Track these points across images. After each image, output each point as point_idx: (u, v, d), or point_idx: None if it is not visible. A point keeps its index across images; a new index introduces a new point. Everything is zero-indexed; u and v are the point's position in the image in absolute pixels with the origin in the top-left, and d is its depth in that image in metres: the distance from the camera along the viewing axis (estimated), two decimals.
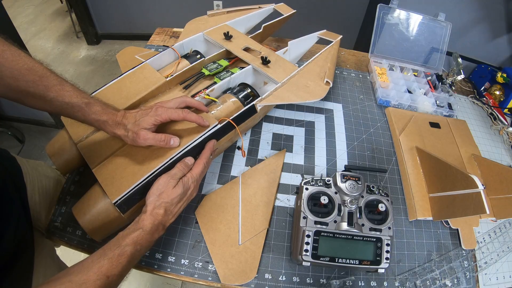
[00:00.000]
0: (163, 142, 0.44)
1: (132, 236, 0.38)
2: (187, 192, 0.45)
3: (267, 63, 0.62)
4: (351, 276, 0.52)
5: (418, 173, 0.64)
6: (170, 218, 0.43)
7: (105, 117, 0.44)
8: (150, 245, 0.41)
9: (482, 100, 0.89)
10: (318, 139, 0.69)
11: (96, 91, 0.54)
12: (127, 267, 0.37)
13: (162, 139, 0.44)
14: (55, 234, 0.52)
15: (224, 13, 0.77)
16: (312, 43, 0.81)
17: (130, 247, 0.37)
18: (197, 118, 0.46)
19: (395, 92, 0.79)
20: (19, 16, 2.44)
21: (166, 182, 0.43)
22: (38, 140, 1.60)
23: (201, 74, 0.62)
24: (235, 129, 0.53)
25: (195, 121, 0.47)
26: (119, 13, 2.08)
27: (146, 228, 0.39)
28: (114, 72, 2.03)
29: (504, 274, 0.58)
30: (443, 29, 0.88)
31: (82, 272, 0.33)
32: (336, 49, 0.74)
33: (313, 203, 0.48)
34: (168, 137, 0.45)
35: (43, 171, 0.64)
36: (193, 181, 0.45)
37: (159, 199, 0.42)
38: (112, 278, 0.34)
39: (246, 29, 0.80)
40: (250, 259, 0.50)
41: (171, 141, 0.45)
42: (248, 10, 0.79)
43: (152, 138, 0.44)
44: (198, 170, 0.46)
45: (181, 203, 0.44)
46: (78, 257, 0.60)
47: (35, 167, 0.62)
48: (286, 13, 0.79)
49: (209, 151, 0.48)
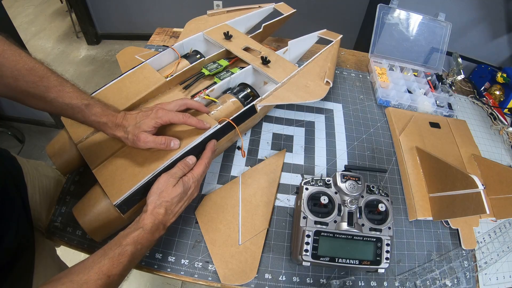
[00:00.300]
0: (163, 145, 0.45)
1: (133, 236, 0.38)
2: (188, 191, 0.45)
3: (267, 63, 0.62)
4: (351, 276, 0.52)
5: (418, 173, 0.64)
6: (171, 218, 0.43)
7: (105, 119, 0.44)
8: (151, 244, 0.41)
9: (482, 100, 0.89)
10: (318, 139, 0.69)
11: (96, 91, 0.54)
12: (128, 267, 0.37)
13: (163, 142, 0.44)
14: (55, 234, 0.52)
15: (224, 12, 0.77)
16: (312, 42, 0.81)
17: (131, 246, 0.37)
18: (197, 123, 0.47)
19: (395, 92, 0.79)
20: (19, 16, 2.44)
21: (166, 181, 0.43)
22: (38, 140, 1.60)
23: (201, 74, 0.62)
24: (235, 129, 0.53)
25: (195, 125, 0.47)
26: (119, 13, 2.08)
27: (146, 228, 0.39)
28: (114, 72, 2.03)
29: (504, 274, 0.58)
30: (443, 29, 0.88)
31: (83, 272, 0.33)
32: (336, 49, 0.73)
33: (313, 203, 0.48)
34: (168, 139, 0.45)
35: (44, 171, 0.64)
36: (194, 181, 0.45)
37: (159, 198, 0.42)
38: (113, 278, 0.34)
39: (246, 29, 0.80)
40: (250, 259, 0.50)
41: (172, 144, 0.45)
42: (248, 9, 0.79)
43: (152, 141, 0.44)
44: (199, 170, 0.46)
45: (181, 202, 0.44)
46: (78, 257, 0.61)
47: (35, 167, 0.62)
48: (286, 12, 0.79)
49: (210, 151, 0.48)
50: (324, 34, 0.78)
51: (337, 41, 0.76)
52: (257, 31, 0.76)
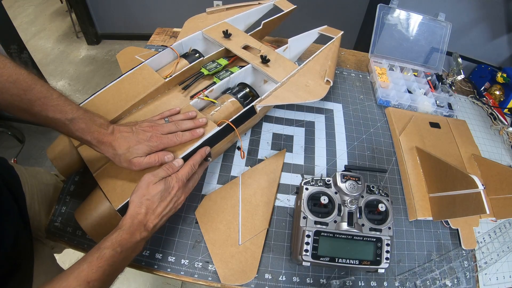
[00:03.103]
0: (157, 163, 0.44)
1: (111, 238, 0.37)
2: (171, 191, 0.43)
3: (266, 62, 0.62)
4: (351, 276, 0.52)
5: (418, 173, 0.64)
6: (153, 219, 0.41)
7: (89, 136, 0.42)
8: (133, 247, 0.38)
9: (482, 100, 0.89)
10: (318, 139, 0.69)
11: (95, 93, 0.54)
12: (109, 272, 0.35)
13: (156, 160, 0.44)
14: (55, 234, 0.52)
15: (223, 10, 0.76)
16: (312, 39, 0.79)
17: (109, 249, 0.35)
18: (191, 136, 0.47)
19: (395, 92, 0.79)
20: (19, 16, 2.44)
21: (148, 180, 0.42)
22: (38, 140, 1.60)
23: (200, 74, 0.62)
24: (234, 132, 0.53)
25: (190, 138, 0.47)
26: (119, 13, 2.08)
27: (125, 228, 0.38)
28: (114, 72, 2.03)
29: (504, 274, 0.58)
30: (443, 29, 0.88)
31: (63, 278, 0.33)
32: (337, 46, 0.72)
33: (313, 203, 0.48)
34: (161, 156, 0.45)
35: (42, 178, 0.63)
36: (177, 181, 0.43)
37: (140, 197, 0.41)
38: (93, 284, 0.33)
39: (245, 26, 0.78)
40: (250, 259, 0.50)
41: (165, 158, 0.45)
42: (248, 6, 0.78)
43: (146, 162, 0.43)
44: (183, 171, 0.45)
45: (164, 202, 0.42)
46: (78, 258, 0.60)
47: (34, 174, 0.61)
48: (287, 8, 0.78)
49: (199, 156, 0.47)
50: (325, 30, 0.77)
51: (338, 38, 0.74)
52: (257, 29, 0.75)
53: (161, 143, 0.45)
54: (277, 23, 0.79)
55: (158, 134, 0.45)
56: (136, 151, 0.43)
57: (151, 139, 0.44)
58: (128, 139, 0.43)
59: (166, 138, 0.45)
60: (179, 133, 0.47)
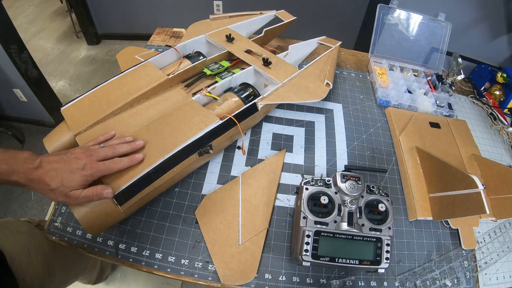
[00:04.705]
0: (96, 197, 0.41)
1: None
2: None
3: (268, 64, 0.63)
4: (351, 276, 0.52)
5: (418, 173, 0.64)
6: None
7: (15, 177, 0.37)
8: None
9: (482, 100, 0.89)
10: (318, 139, 0.69)
11: (97, 86, 0.54)
12: None
13: (94, 194, 0.40)
14: (55, 234, 0.52)
15: (226, 17, 0.79)
16: (312, 48, 0.83)
17: None
18: (129, 163, 0.44)
19: (395, 92, 0.79)
20: (19, 16, 2.44)
21: None
22: (38, 140, 1.60)
23: (202, 73, 0.62)
24: (235, 127, 0.53)
25: (128, 165, 0.44)
26: (119, 13, 2.08)
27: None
28: (114, 72, 2.02)
29: (504, 274, 0.58)
30: (443, 29, 0.88)
31: None
32: (336, 54, 0.75)
33: (313, 203, 0.48)
34: (99, 190, 0.41)
35: (14, 228, 0.60)
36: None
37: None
38: None
39: (247, 34, 0.81)
40: (250, 259, 0.50)
41: (104, 193, 0.41)
42: (250, 15, 0.80)
43: (84, 196, 0.40)
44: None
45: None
46: None
47: (6, 226, 0.59)
48: (287, 19, 0.81)
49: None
50: (324, 40, 0.81)
51: (336, 46, 0.78)
52: (259, 36, 0.77)
53: (97, 170, 0.41)
54: (278, 31, 0.82)
55: (93, 161, 0.41)
56: (70, 184, 0.39)
57: (85, 167, 0.40)
58: (60, 170, 0.39)
59: (103, 164, 0.42)
60: (117, 159, 0.43)
